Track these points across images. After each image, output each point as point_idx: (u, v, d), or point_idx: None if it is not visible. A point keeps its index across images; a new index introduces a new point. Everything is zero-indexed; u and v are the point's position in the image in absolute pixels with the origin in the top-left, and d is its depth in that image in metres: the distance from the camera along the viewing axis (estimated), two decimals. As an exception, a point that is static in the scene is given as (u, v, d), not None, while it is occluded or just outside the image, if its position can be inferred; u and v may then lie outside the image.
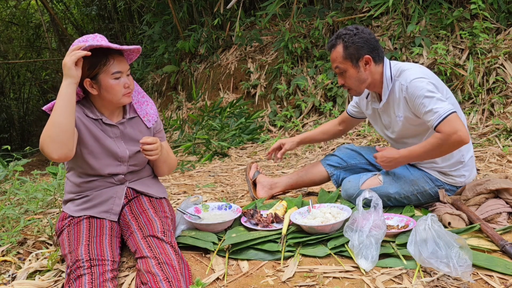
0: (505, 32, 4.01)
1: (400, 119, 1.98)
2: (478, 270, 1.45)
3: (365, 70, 1.95)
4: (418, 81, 1.84)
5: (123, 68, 1.66)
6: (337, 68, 1.97)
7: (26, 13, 11.03)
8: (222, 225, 1.88)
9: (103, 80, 1.64)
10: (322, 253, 1.63)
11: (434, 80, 1.89)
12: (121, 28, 8.98)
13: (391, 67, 1.97)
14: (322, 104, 4.64)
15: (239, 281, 1.51)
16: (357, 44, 1.91)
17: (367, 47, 1.92)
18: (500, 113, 3.54)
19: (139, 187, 1.82)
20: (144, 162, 1.85)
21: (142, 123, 1.84)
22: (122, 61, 1.68)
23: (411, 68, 1.92)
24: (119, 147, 1.75)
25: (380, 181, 2.07)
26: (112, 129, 1.75)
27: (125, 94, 1.68)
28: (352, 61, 1.93)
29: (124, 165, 1.77)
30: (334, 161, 2.36)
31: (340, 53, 1.93)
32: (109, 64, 1.63)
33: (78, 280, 1.41)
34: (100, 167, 1.71)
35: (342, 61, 1.94)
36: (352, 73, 1.95)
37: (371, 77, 1.97)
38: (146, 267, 1.47)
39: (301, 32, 5.30)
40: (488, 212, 1.82)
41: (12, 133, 12.28)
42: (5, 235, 2.05)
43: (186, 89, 6.87)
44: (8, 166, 3.32)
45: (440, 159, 1.98)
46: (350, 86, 2.00)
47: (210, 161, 4.08)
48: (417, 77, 1.85)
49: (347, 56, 1.92)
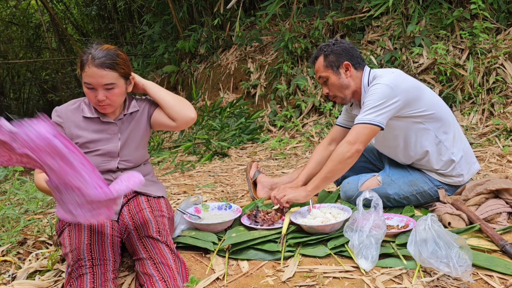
0: (505, 32, 4.02)
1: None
2: (478, 270, 1.45)
3: (346, 76, 2.02)
4: (380, 85, 1.88)
5: (94, 82, 1.64)
6: (320, 78, 2.06)
7: (26, 13, 11.03)
8: (222, 225, 1.88)
9: (83, 83, 1.68)
10: (322, 253, 1.63)
11: (404, 91, 1.88)
12: (121, 28, 8.98)
13: (369, 74, 2.02)
14: (322, 104, 4.63)
15: (239, 281, 1.51)
16: (335, 53, 2.02)
17: (346, 54, 2.02)
18: (500, 113, 3.54)
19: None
20: (139, 160, 1.84)
21: (143, 116, 1.84)
22: (96, 75, 1.63)
23: (384, 74, 1.94)
24: (113, 143, 1.76)
25: (379, 182, 2.07)
26: (110, 126, 1.76)
27: (97, 105, 1.69)
28: (333, 68, 2.01)
29: (114, 161, 1.76)
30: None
31: (321, 63, 2.04)
32: (85, 74, 1.64)
33: (79, 279, 1.41)
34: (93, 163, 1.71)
35: (324, 70, 2.03)
36: (334, 80, 2.02)
37: (354, 84, 2.02)
38: (143, 269, 1.48)
39: (301, 32, 5.30)
40: (488, 212, 1.82)
41: (12, 133, 12.26)
42: (5, 235, 2.05)
43: (186, 89, 6.87)
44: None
45: (434, 159, 1.98)
46: (334, 93, 2.06)
47: (210, 161, 4.08)
48: (381, 82, 1.89)
49: (327, 64, 2.02)
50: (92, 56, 1.64)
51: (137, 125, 1.83)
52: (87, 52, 1.67)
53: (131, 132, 1.80)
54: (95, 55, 1.64)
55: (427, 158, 2.00)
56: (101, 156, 1.74)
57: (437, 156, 1.99)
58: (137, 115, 1.84)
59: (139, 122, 1.83)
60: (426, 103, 1.94)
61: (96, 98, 1.66)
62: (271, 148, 4.17)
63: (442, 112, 1.99)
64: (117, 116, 1.79)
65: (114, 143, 1.76)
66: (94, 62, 1.63)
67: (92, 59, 1.63)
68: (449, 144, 1.98)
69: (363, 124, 1.86)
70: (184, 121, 1.79)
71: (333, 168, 1.90)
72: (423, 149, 1.98)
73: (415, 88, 1.93)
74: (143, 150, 1.87)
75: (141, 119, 1.84)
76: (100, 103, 1.67)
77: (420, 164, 2.05)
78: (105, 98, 1.66)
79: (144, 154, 1.88)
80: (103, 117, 1.75)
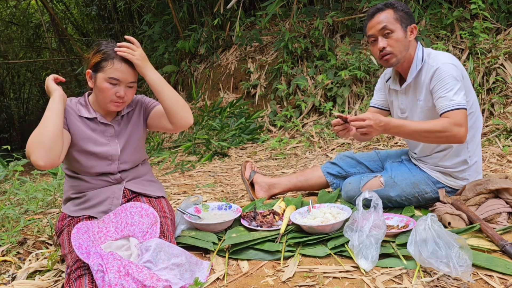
0: (505, 32, 4.01)
1: (419, 103, 1.95)
2: (478, 270, 1.45)
3: (410, 39, 1.94)
4: (448, 65, 1.83)
5: (122, 77, 1.65)
6: (384, 29, 1.89)
7: (26, 13, 11.03)
8: (222, 225, 1.88)
9: (99, 79, 1.66)
10: (322, 253, 1.63)
11: (462, 72, 1.88)
12: (121, 28, 8.97)
13: (423, 50, 1.96)
14: (322, 104, 4.63)
15: (239, 281, 1.51)
16: (406, 11, 1.92)
17: (412, 19, 1.93)
18: (500, 113, 3.53)
19: (135, 187, 1.82)
20: (136, 161, 1.85)
21: (137, 115, 1.83)
22: (125, 71, 1.66)
23: (442, 53, 1.91)
24: (111, 145, 1.75)
25: (381, 183, 2.06)
26: (107, 128, 1.76)
27: (114, 101, 1.68)
28: (402, 24, 1.90)
29: (114, 164, 1.76)
30: (334, 170, 2.37)
31: (391, 14, 1.90)
32: (111, 68, 1.63)
33: (78, 280, 1.41)
34: (89, 166, 1.72)
35: (393, 22, 1.89)
36: (400, 36, 1.90)
37: (410, 50, 1.94)
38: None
39: (301, 32, 5.30)
40: (488, 212, 1.82)
41: (12, 133, 12.29)
42: (5, 235, 2.05)
43: (186, 89, 6.87)
44: (8, 166, 3.32)
45: (450, 155, 1.96)
46: (394, 49, 1.91)
47: (210, 161, 4.08)
48: (448, 62, 1.85)
49: (398, 18, 1.90)
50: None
51: (134, 128, 1.82)
52: (110, 46, 1.66)
53: (130, 135, 1.80)
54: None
55: (445, 152, 1.97)
56: (102, 159, 1.73)
57: (454, 153, 1.95)
58: (133, 117, 1.83)
59: (136, 125, 1.83)
60: (472, 98, 1.91)
61: (116, 94, 1.66)
62: (271, 148, 4.17)
63: (477, 115, 1.97)
64: (113, 117, 1.78)
65: (113, 147, 1.75)
66: (122, 57, 1.65)
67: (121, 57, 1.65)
68: (471, 147, 1.96)
69: (462, 109, 1.77)
70: (181, 126, 1.76)
71: (432, 133, 1.76)
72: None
73: (466, 78, 1.92)
74: (142, 150, 1.88)
75: (138, 121, 1.83)
76: (119, 100, 1.67)
77: (432, 157, 2.02)
78: (124, 95, 1.67)
79: (142, 155, 1.88)
80: (100, 117, 1.74)
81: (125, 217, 1.63)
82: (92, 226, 1.59)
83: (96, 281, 1.31)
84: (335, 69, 4.68)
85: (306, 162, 3.53)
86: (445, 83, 1.81)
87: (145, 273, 1.32)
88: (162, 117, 1.79)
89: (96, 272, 1.31)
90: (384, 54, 1.92)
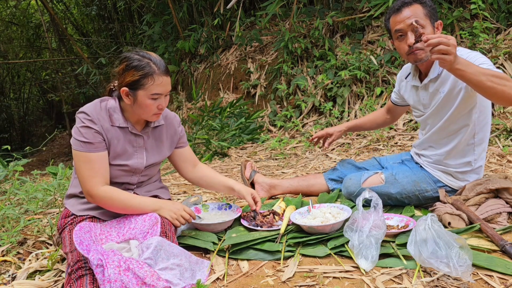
0: (505, 32, 4.01)
1: (441, 95, 1.92)
2: (478, 270, 1.45)
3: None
4: (477, 54, 1.78)
5: (164, 90, 1.63)
6: (415, 23, 1.79)
7: (26, 13, 11.04)
8: (222, 225, 1.88)
9: (140, 96, 1.61)
10: (322, 253, 1.63)
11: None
12: (121, 28, 8.98)
13: None
14: (322, 104, 4.64)
15: (239, 281, 1.51)
16: (434, 7, 1.87)
17: (437, 15, 1.88)
18: (500, 113, 3.53)
19: (141, 192, 1.83)
20: (153, 174, 1.87)
21: (166, 131, 1.83)
22: (166, 83, 1.63)
23: (464, 49, 1.86)
24: (138, 158, 1.74)
25: (382, 180, 2.07)
26: (136, 139, 1.74)
27: (156, 114, 1.67)
28: (431, 20, 1.85)
29: (136, 176, 1.78)
30: (334, 175, 2.38)
31: (420, 9, 1.83)
32: (153, 84, 1.60)
33: (79, 280, 1.41)
34: (112, 176, 1.70)
35: (423, 17, 1.83)
36: (430, 32, 1.83)
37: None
38: None
39: (301, 32, 5.30)
40: (488, 212, 1.82)
41: (12, 133, 12.30)
42: (5, 235, 2.05)
43: (186, 89, 6.87)
44: (8, 166, 3.32)
45: (452, 155, 1.96)
46: (423, 45, 1.78)
47: (210, 161, 4.08)
48: (474, 53, 1.79)
49: (427, 13, 1.84)
50: (155, 64, 1.60)
51: (163, 145, 1.83)
52: (145, 61, 1.60)
53: (157, 151, 1.80)
54: (157, 62, 1.61)
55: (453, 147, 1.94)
56: (126, 172, 1.73)
57: (461, 153, 1.95)
58: (164, 134, 1.83)
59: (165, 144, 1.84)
60: (486, 101, 1.88)
61: (158, 107, 1.63)
62: (271, 148, 4.17)
63: (488, 119, 1.94)
64: (143, 127, 1.77)
65: (139, 160, 1.74)
66: (160, 70, 1.60)
67: (158, 68, 1.60)
68: (477, 151, 1.96)
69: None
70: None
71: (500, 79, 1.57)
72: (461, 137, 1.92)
73: None
74: (160, 164, 1.90)
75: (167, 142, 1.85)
76: (161, 111, 1.66)
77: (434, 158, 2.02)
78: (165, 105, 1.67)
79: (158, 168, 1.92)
80: (131, 127, 1.71)
81: (128, 223, 1.64)
82: (95, 228, 1.60)
83: (96, 276, 1.31)
84: (335, 69, 4.68)
85: (306, 162, 3.53)
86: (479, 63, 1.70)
87: (145, 270, 1.32)
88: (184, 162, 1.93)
89: (96, 266, 1.31)
90: (416, 49, 1.84)
